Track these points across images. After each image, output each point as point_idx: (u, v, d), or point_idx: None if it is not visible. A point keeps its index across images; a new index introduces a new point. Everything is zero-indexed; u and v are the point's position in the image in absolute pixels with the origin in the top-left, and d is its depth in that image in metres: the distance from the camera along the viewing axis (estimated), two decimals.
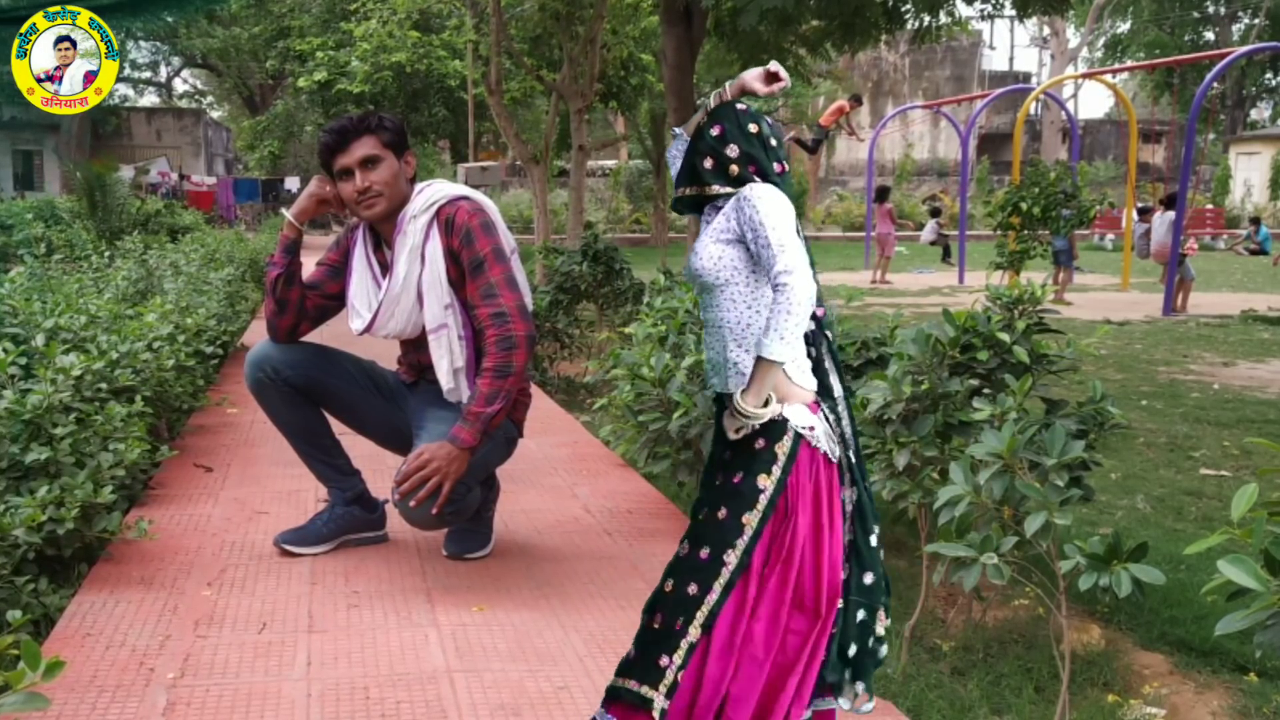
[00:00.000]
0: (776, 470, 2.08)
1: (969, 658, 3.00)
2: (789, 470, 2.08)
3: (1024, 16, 10.11)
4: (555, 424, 5.66)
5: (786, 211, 2.09)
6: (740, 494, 2.10)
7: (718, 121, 2.21)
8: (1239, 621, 1.72)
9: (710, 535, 2.12)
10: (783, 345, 1.98)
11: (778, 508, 2.08)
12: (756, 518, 2.08)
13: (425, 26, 21.99)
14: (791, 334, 1.98)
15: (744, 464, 2.11)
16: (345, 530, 3.63)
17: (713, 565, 2.10)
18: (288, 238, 3.44)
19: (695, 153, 2.23)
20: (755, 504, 2.08)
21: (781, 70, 2.21)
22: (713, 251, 2.16)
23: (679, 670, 2.08)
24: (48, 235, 10.75)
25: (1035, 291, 3.08)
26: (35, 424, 3.36)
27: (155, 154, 31.33)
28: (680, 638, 2.09)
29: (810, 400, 2.12)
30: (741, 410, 2.04)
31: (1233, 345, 9.67)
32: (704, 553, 2.12)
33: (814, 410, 2.12)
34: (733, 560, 2.09)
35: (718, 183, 2.19)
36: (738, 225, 2.12)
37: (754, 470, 2.09)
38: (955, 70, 35.95)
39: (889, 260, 16.42)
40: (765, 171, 2.18)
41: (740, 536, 2.08)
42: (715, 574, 2.09)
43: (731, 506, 2.10)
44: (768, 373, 2.02)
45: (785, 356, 1.99)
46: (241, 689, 2.60)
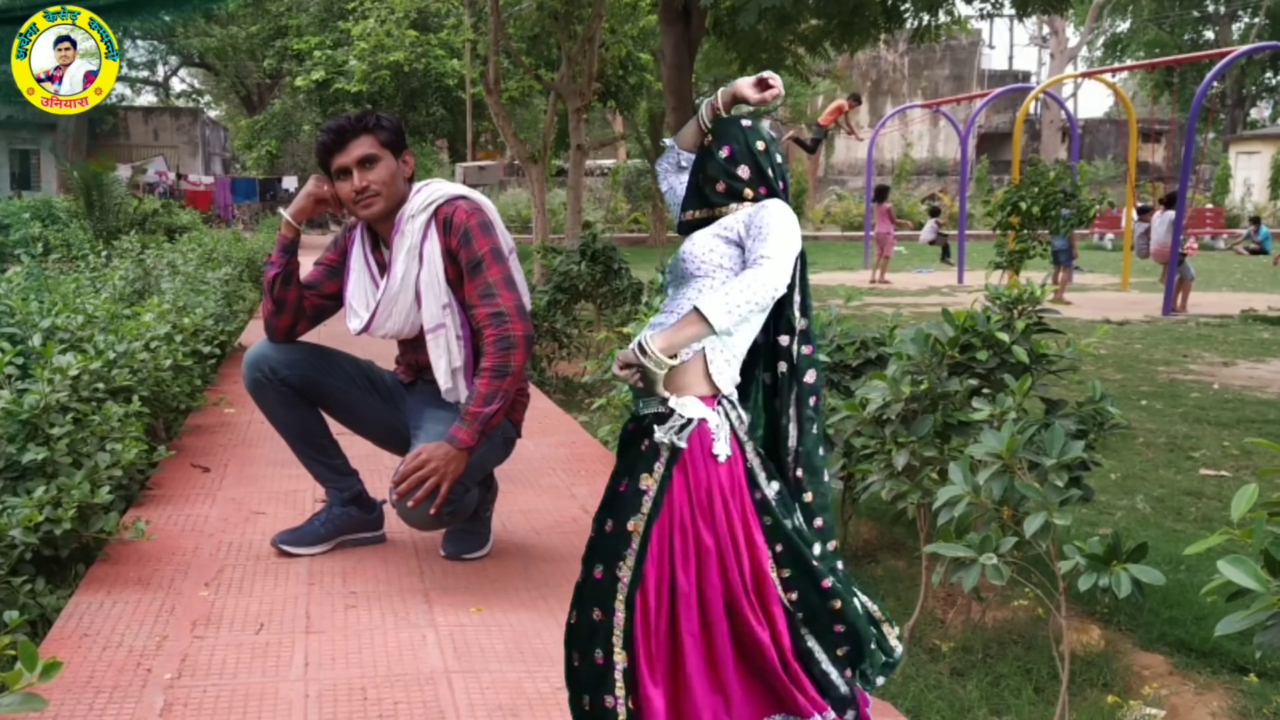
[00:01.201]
0: (659, 467, 1.96)
1: (968, 658, 2.99)
2: (672, 467, 1.95)
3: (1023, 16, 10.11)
4: (553, 424, 5.65)
5: (796, 233, 2.01)
6: (624, 501, 1.99)
7: (726, 142, 2.13)
8: (1239, 622, 1.71)
9: (601, 552, 2.01)
10: (723, 310, 1.85)
11: (663, 507, 1.95)
12: (642, 522, 1.95)
13: (423, 25, 22.02)
14: (737, 308, 1.86)
15: (628, 468, 2.00)
16: (343, 530, 3.62)
17: (609, 584, 1.98)
18: (285, 237, 3.43)
19: (703, 175, 2.15)
20: (639, 508, 1.96)
21: (773, 77, 2.14)
22: (708, 242, 2.09)
23: (627, 701, 1.96)
24: (45, 235, 10.75)
25: (1035, 291, 3.07)
26: (32, 424, 3.35)
27: (152, 153, 31.30)
28: (611, 670, 1.97)
29: (708, 395, 2.00)
30: (644, 345, 1.89)
31: (1233, 345, 9.66)
32: (597, 572, 2.01)
33: (709, 403, 1.99)
34: (626, 574, 1.96)
35: (731, 203, 2.12)
36: (743, 228, 2.05)
37: (637, 472, 1.98)
38: (954, 69, 35.96)
39: (888, 260, 16.42)
40: (774, 191, 2.13)
41: (630, 546, 1.96)
42: (613, 593, 1.97)
43: (616, 516, 1.99)
44: (693, 326, 1.88)
45: (719, 323, 1.85)
46: (239, 690, 2.60)
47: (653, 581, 1.96)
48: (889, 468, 2.91)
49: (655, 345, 1.89)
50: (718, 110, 2.21)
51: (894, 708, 2.66)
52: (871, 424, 2.99)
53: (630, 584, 1.96)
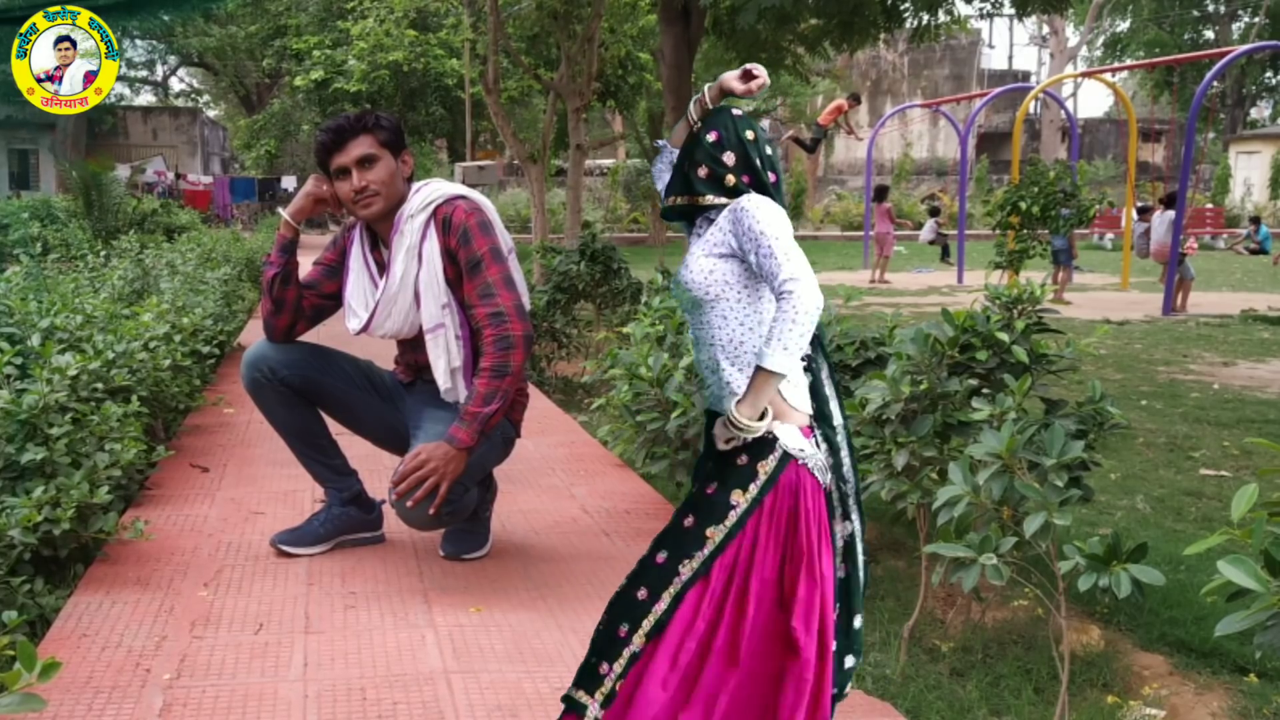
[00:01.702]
0: (754, 489, 1.97)
1: (968, 658, 2.99)
2: (767, 491, 1.96)
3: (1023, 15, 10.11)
4: (553, 424, 5.65)
5: (785, 221, 2.00)
6: (711, 505, 1.99)
7: (714, 128, 2.12)
8: (1239, 622, 1.71)
9: (671, 541, 2.03)
10: (785, 356, 1.87)
11: (746, 529, 1.96)
12: (722, 533, 1.97)
13: (422, 25, 22.02)
14: (795, 345, 1.87)
15: (722, 476, 2.01)
16: (342, 531, 3.61)
17: (666, 573, 2.00)
18: (284, 237, 3.43)
19: (689, 161, 2.14)
20: (724, 519, 1.97)
21: (757, 68, 2.13)
22: (704, 265, 2.06)
23: (618, 680, 1.98)
24: (44, 234, 10.74)
25: (1034, 291, 3.07)
26: (31, 424, 3.35)
27: (151, 153, 31.30)
28: (623, 645, 2.00)
29: (805, 424, 2.02)
30: (735, 421, 1.93)
31: (1233, 345, 9.66)
32: (660, 557, 2.03)
33: (807, 434, 2.02)
34: (687, 572, 1.98)
35: (712, 193, 2.10)
36: (734, 239, 2.02)
37: (730, 484, 1.99)
38: (954, 69, 35.95)
39: (888, 260, 16.41)
40: (761, 182, 2.10)
41: (700, 549, 1.97)
42: (667, 582, 1.99)
43: (699, 516, 2.00)
44: (767, 384, 1.91)
45: (787, 368, 1.88)
46: (238, 690, 2.59)
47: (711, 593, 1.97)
48: (889, 468, 2.91)
49: (744, 417, 1.92)
50: (706, 107, 2.19)
51: (894, 708, 2.65)
52: (871, 424, 2.99)
53: (687, 582, 1.98)
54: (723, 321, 2.06)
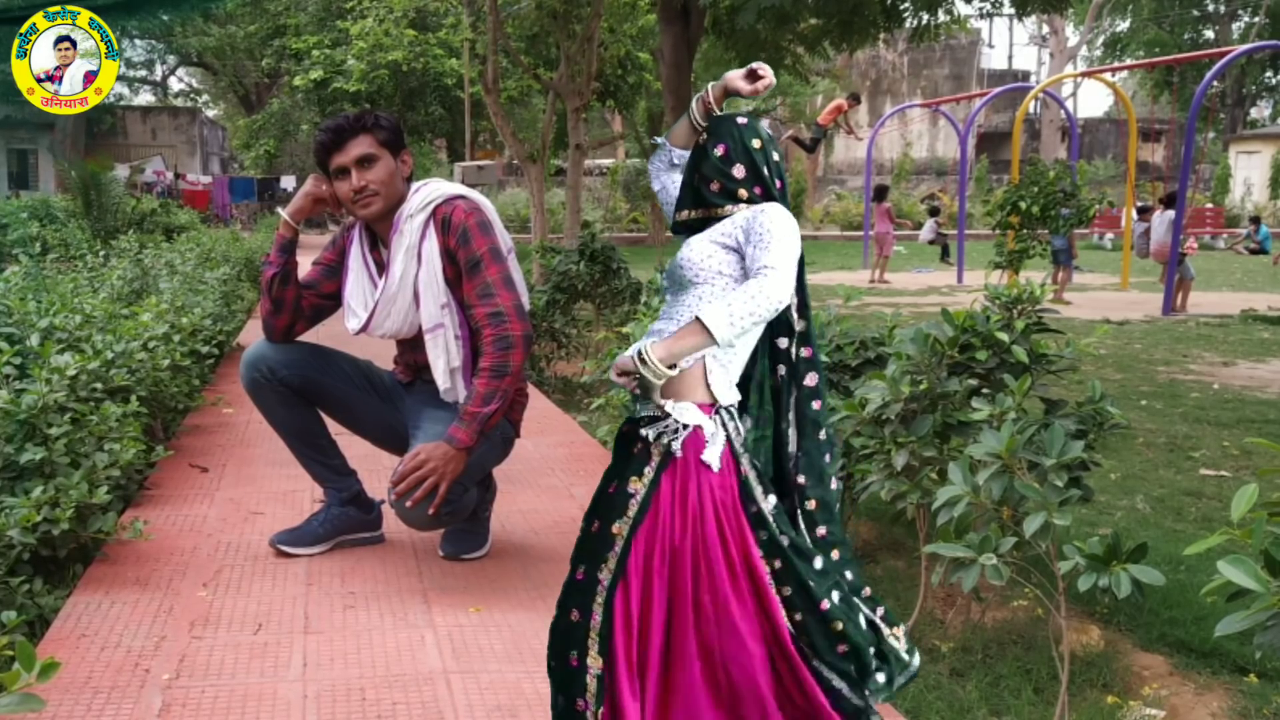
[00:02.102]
0: (649, 471, 1.93)
1: (968, 659, 2.99)
2: (661, 473, 1.92)
3: (1023, 15, 10.11)
4: (552, 424, 5.64)
5: (796, 236, 1.98)
6: (612, 502, 1.96)
7: (720, 140, 2.09)
8: (1239, 622, 1.71)
9: (584, 552, 2.00)
10: (724, 321, 1.82)
11: (650, 512, 1.92)
12: (627, 526, 1.93)
13: (422, 25, 22.02)
14: (739, 316, 1.82)
15: (619, 470, 1.98)
16: (341, 531, 3.61)
17: (588, 586, 1.96)
18: (284, 237, 3.43)
19: (698, 175, 2.11)
20: (625, 511, 1.94)
21: (763, 68, 2.10)
22: (705, 249, 2.05)
23: (597, 709, 1.93)
24: (43, 234, 10.75)
25: (1034, 291, 3.07)
26: (30, 424, 3.34)
27: (150, 153, 31.30)
28: (583, 674, 1.95)
29: (705, 402, 1.96)
30: (644, 356, 1.86)
31: (1233, 345, 9.66)
32: (580, 573, 1.99)
33: (706, 411, 1.95)
34: (606, 576, 1.94)
35: (727, 204, 2.08)
36: (742, 233, 2.01)
37: (626, 475, 1.96)
38: (954, 69, 35.96)
39: (887, 259, 16.41)
40: (770, 192, 2.08)
41: (611, 548, 1.94)
42: (592, 595, 1.95)
43: (603, 517, 1.97)
44: (694, 337, 1.84)
45: (721, 334, 1.82)
46: (237, 690, 2.59)
47: (637, 588, 1.93)
48: (888, 468, 2.91)
49: (655, 354, 1.86)
50: (709, 106, 2.17)
51: (893, 708, 2.65)
52: (871, 424, 2.98)
53: (609, 587, 1.94)
54: (698, 304, 2.03)
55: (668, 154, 2.29)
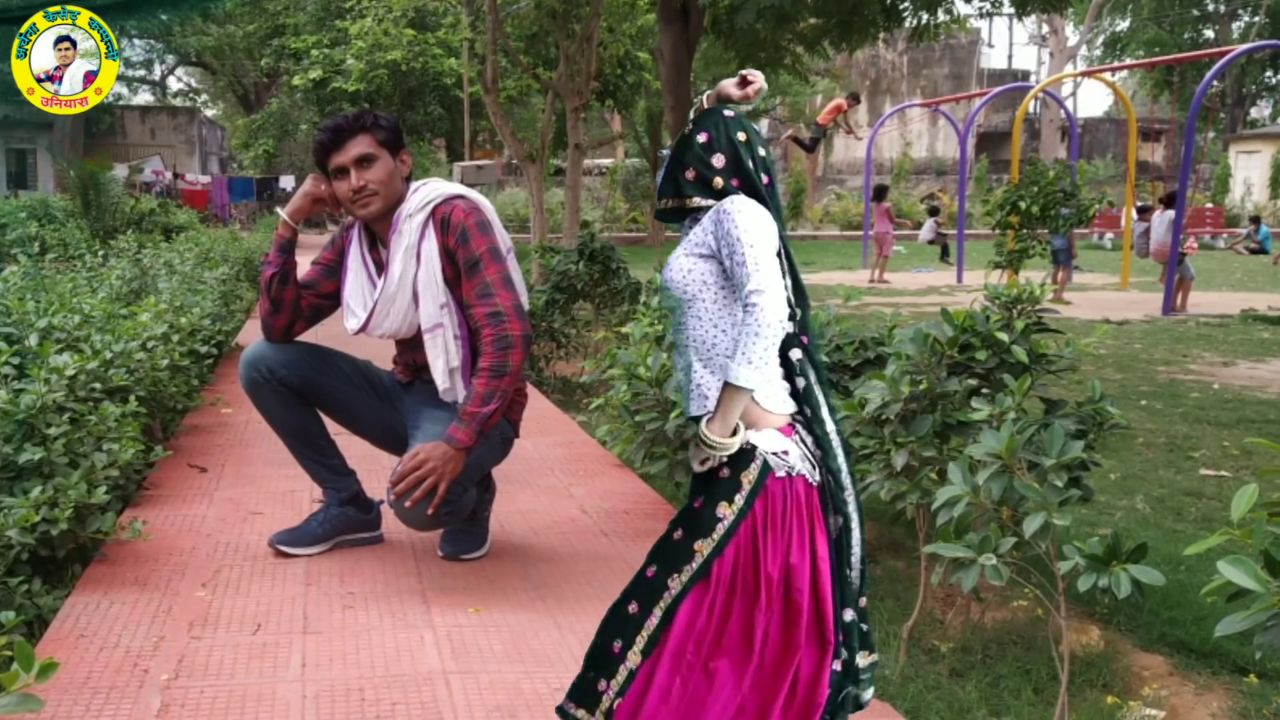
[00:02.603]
0: (739, 499, 1.94)
1: (967, 659, 2.98)
2: (753, 500, 1.94)
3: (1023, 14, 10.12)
4: (551, 424, 5.64)
5: (767, 227, 1.97)
6: (699, 519, 1.98)
7: (705, 129, 2.08)
8: (1239, 623, 1.71)
9: (661, 555, 2.02)
10: (750, 370, 1.85)
11: (738, 537, 1.94)
12: (710, 546, 1.95)
13: (421, 24, 22.01)
14: (760, 358, 1.85)
15: (707, 489, 1.99)
16: (340, 531, 3.61)
17: (656, 587, 1.99)
18: (282, 237, 3.43)
19: (678, 163, 2.11)
20: (711, 532, 1.95)
21: (753, 73, 2.10)
22: (683, 265, 2.04)
23: (616, 698, 1.97)
24: (42, 234, 10.75)
25: (1034, 291, 3.06)
26: (29, 424, 3.34)
27: (149, 152, 31.28)
28: (619, 663, 1.99)
29: (783, 424, 1.99)
30: (707, 441, 1.91)
31: (1233, 345, 9.66)
32: (651, 571, 2.02)
33: (787, 434, 1.98)
34: (676, 586, 1.96)
35: (699, 195, 2.06)
36: (714, 240, 2.00)
37: (715, 497, 1.96)
38: (954, 68, 35.96)
39: (887, 259, 16.41)
40: (752, 184, 2.06)
41: (689, 563, 1.96)
42: (657, 597, 1.98)
43: (688, 530, 1.99)
44: (735, 399, 1.88)
45: (754, 383, 1.86)
46: (236, 690, 2.59)
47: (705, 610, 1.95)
48: (888, 468, 2.90)
49: (715, 435, 1.90)
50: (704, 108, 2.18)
51: (893, 708, 2.65)
52: (870, 424, 2.98)
53: (677, 596, 1.96)
54: (697, 322, 2.04)
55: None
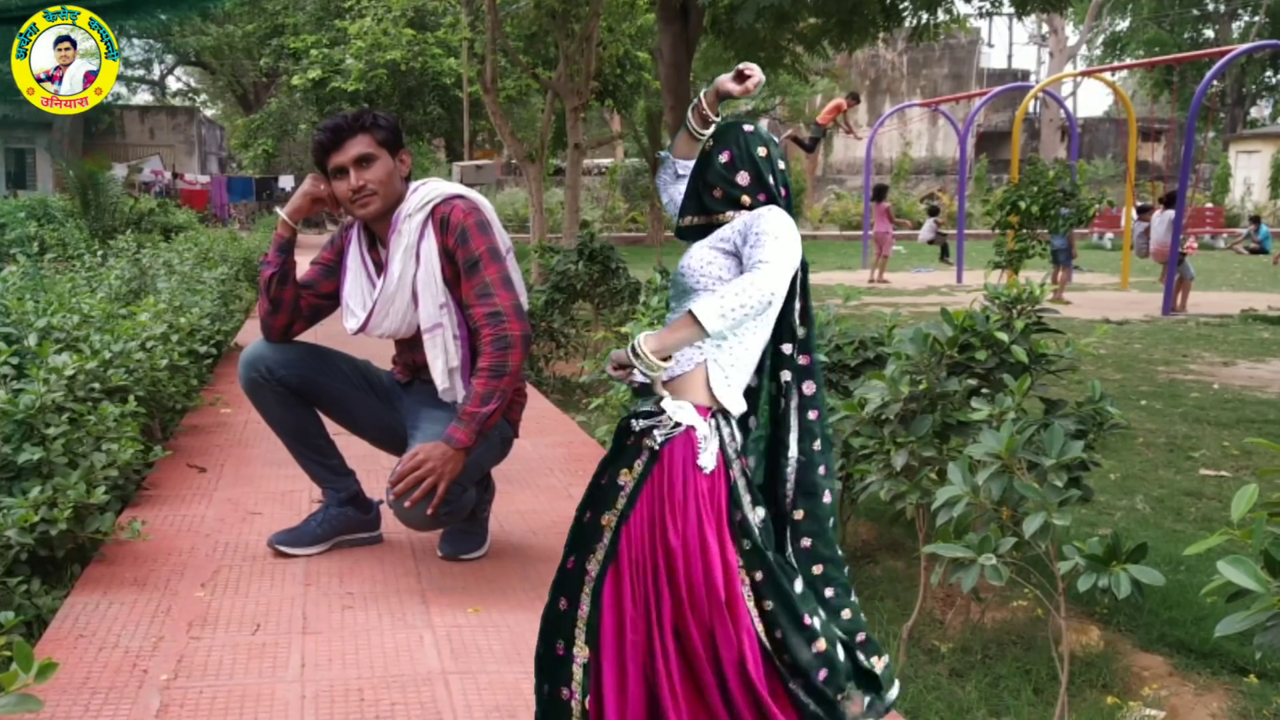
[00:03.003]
0: (639, 464, 1.94)
1: (967, 659, 2.98)
2: (653, 463, 1.93)
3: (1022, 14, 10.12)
4: (551, 424, 5.64)
5: (795, 240, 1.97)
6: (603, 493, 1.98)
7: (725, 147, 2.09)
8: (1239, 623, 1.71)
9: (575, 541, 2.01)
10: (716, 315, 1.82)
11: (638, 505, 1.93)
12: (615, 517, 1.94)
13: (420, 24, 22.00)
14: (732, 312, 1.82)
15: (611, 461, 1.99)
16: (339, 531, 3.61)
17: (577, 575, 1.98)
18: (282, 236, 3.42)
19: (701, 182, 2.12)
20: (615, 503, 1.95)
21: (750, 67, 2.11)
22: (705, 255, 2.06)
23: (583, 699, 1.95)
24: (41, 234, 10.74)
25: (1034, 290, 3.06)
26: (28, 424, 3.34)
27: (148, 152, 31.26)
28: (569, 663, 1.97)
29: (704, 405, 1.98)
30: (637, 348, 1.88)
31: (1233, 345, 9.66)
32: (570, 561, 2.01)
33: (703, 414, 1.97)
34: (594, 567, 1.95)
35: (728, 210, 2.08)
36: (739, 236, 2.01)
37: (617, 466, 1.97)
38: (953, 68, 35.96)
39: (886, 259, 16.41)
40: (774, 199, 2.08)
41: (600, 539, 1.96)
42: (580, 584, 1.97)
43: (594, 507, 1.99)
44: (685, 330, 1.85)
45: (712, 327, 1.82)
46: (235, 691, 2.59)
47: (628, 580, 1.93)
48: (887, 468, 2.90)
49: (647, 346, 1.87)
50: (704, 114, 2.18)
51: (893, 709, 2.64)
52: (870, 424, 2.98)
53: (597, 578, 1.95)
54: (693, 302, 2.02)
55: (671, 167, 2.30)
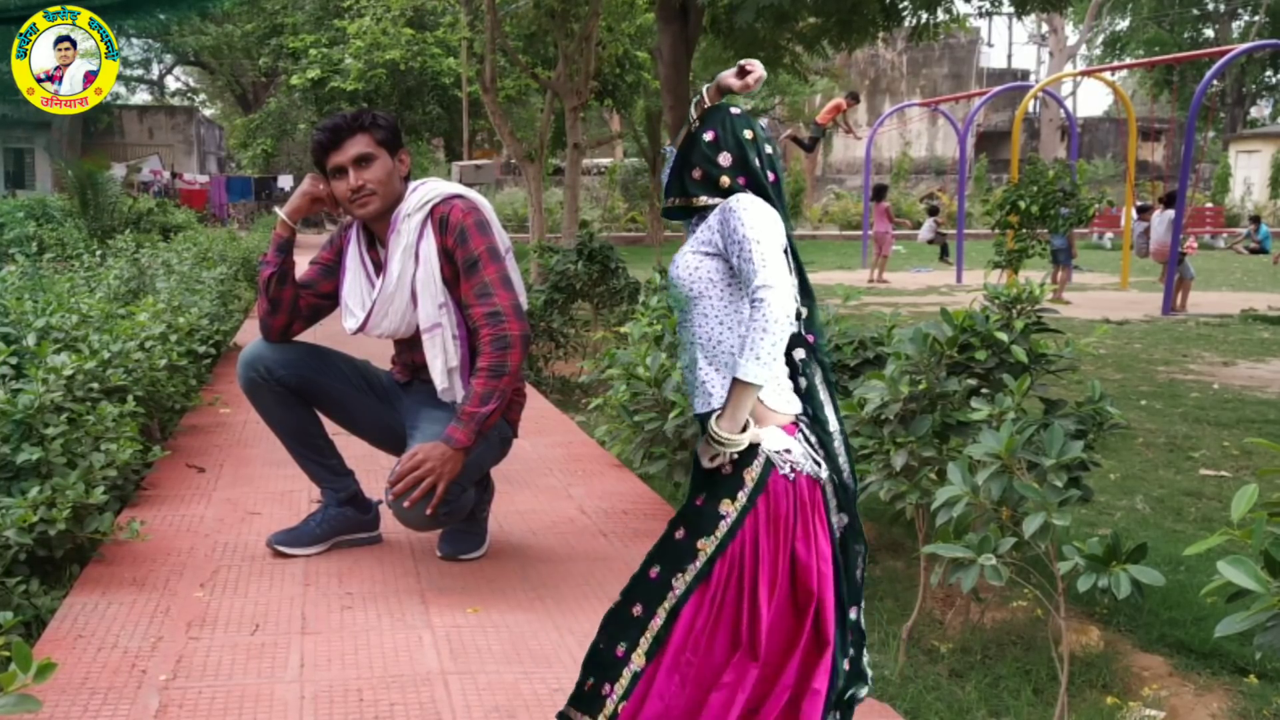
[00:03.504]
0: (742, 496, 1.94)
1: (967, 659, 2.98)
2: (758, 495, 1.93)
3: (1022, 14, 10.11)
4: (550, 424, 5.63)
5: (773, 224, 1.97)
6: (701, 517, 1.97)
7: (711, 127, 2.09)
8: (1239, 623, 1.71)
9: (663, 555, 2.01)
10: (759, 366, 1.85)
11: (741, 535, 1.94)
12: (713, 544, 1.95)
13: (419, 24, 21.97)
14: (768, 354, 1.85)
15: (710, 486, 1.98)
16: (339, 531, 3.60)
17: (660, 588, 1.98)
18: (281, 236, 3.42)
19: (685, 163, 2.12)
20: (714, 530, 1.95)
21: (751, 63, 2.11)
22: (690, 262, 2.05)
23: (620, 701, 1.96)
24: (39, 234, 10.74)
25: (1034, 290, 3.06)
26: (26, 424, 3.33)
27: (147, 152, 31.25)
28: (623, 665, 1.98)
29: (787, 423, 1.99)
30: (716, 437, 1.90)
31: (1233, 345, 9.66)
32: (654, 572, 2.01)
33: (790, 431, 1.98)
34: (680, 586, 1.96)
35: (705, 194, 2.07)
36: (720, 238, 2.00)
37: (719, 494, 1.96)
38: (953, 68, 35.95)
39: (886, 259, 16.40)
40: (758, 182, 2.06)
41: (693, 561, 1.96)
42: (661, 598, 1.97)
43: (689, 529, 1.99)
44: (744, 396, 1.88)
45: (762, 379, 1.86)
46: (234, 691, 2.58)
47: (693, 605, 1.95)
48: (887, 468, 2.90)
49: (724, 432, 1.90)
50: (707, 105, 2.17)
51: (892, 709, 2.64)
52: (870, 424, 2.98)
53: (681, 596, 1.96)
54: (704, 319, 2.04)
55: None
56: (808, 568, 1.94)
